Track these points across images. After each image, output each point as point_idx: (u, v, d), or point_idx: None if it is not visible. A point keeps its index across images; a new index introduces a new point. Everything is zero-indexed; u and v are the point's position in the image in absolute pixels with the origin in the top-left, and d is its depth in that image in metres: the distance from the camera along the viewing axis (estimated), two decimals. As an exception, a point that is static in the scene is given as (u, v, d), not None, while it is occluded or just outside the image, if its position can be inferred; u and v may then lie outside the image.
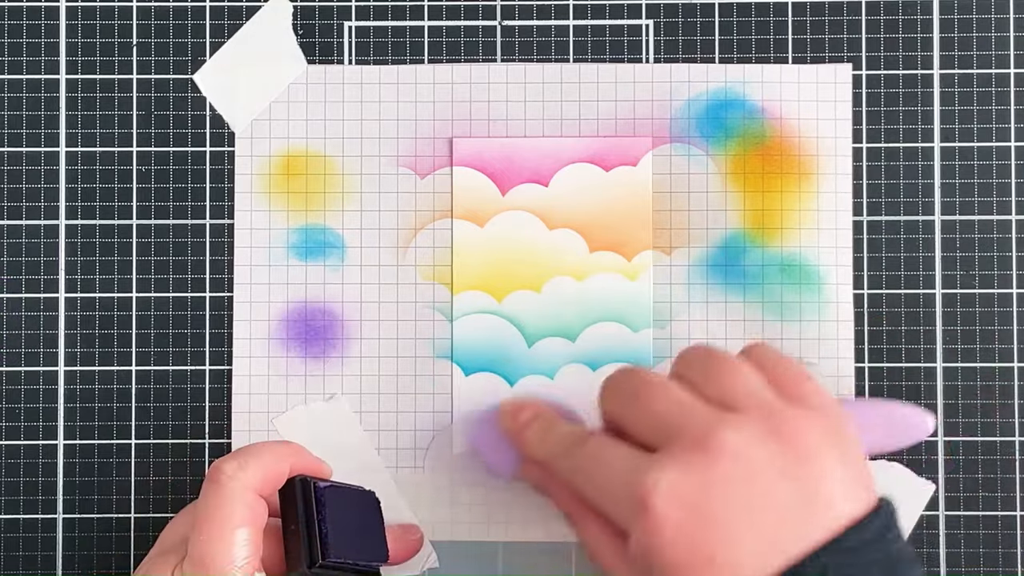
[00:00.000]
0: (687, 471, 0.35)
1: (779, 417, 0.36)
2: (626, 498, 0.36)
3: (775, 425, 0.36)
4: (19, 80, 0.49)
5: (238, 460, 0.40)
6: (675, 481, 0.35)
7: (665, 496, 0.35)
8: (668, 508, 0.35)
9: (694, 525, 0.34)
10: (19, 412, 0.48)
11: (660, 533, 0.35)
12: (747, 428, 0.35)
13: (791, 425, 0.36)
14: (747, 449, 0.35)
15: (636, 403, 0.38)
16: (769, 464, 0.35)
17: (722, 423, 0.36)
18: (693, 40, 0.48)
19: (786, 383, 0.38)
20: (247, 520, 0.39)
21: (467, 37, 0.49)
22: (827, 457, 0.35)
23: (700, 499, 0.35)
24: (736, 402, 0.37)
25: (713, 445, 0.35)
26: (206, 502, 0.39)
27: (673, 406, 0.37)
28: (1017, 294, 0.48)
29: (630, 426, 0.38)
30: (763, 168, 0.48)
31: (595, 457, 0.38)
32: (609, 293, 0.47)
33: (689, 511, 0.34)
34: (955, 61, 0.48)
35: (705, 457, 0.35)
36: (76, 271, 0.48)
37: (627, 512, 0.36)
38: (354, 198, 0.48)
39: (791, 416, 0.36)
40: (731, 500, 0.34)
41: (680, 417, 0.37)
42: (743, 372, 0.38)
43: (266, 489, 0.40)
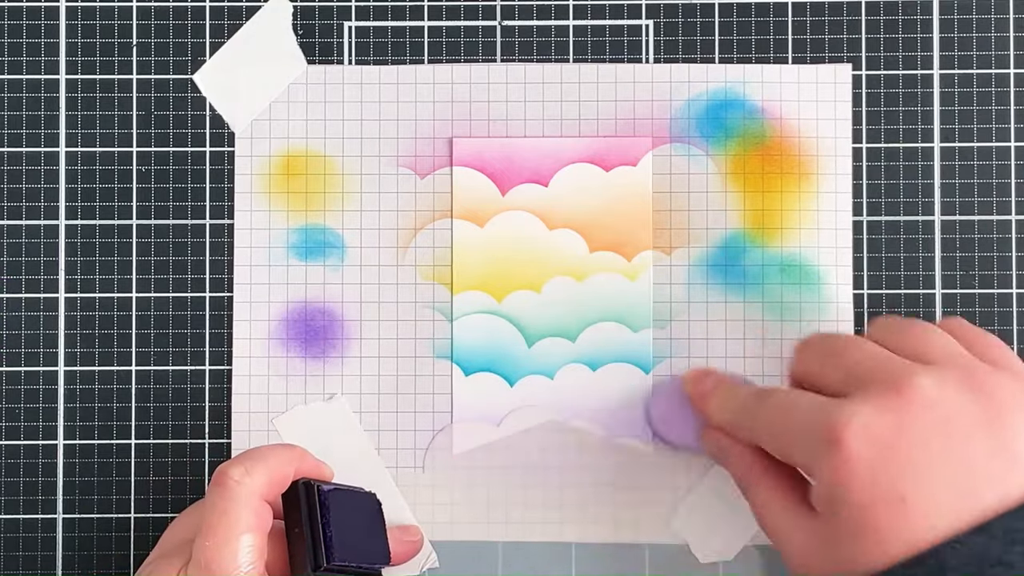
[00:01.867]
0: (881, 411, 0.35)
1: (975, 371, 0.36)
2: (816, 437, 0.36)
3: (971, 378, 0.36)
4: (19, 80, 0.49)
5: (244, 465, 0.40)
6: (868, 419, 0.35)
7: (858, 432, 0.35)
8: (861, 444, 0.34)
9: (886, 464, 0.34)
10: (19, 412, 0.48)
11: (851, 470, 0.34)
12: (943, 376, 0.35)
13: (987, 380, 0.36)
14: (942, 395, 0.35)
15: (831, 357, 0.38)
16: (964, 413, 0.35)
17: (917, 370, 0.36)
18: (693, 40, 0.48)
19: (982, 347, 0.38)
20: (253, 525, 0.39)
21: (467, 37, 0.49)
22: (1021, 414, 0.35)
23: (893, 439, 0.34)
24: (931, 357, 0.37)
25: (907, 388, 0.35)
26: (212, 507, 0.39)
27: (869, 355, 0.37)
28: (1017, 294, 0.48)
29: (822, 380, 0.38)
30: (763, 168, 0.48)
31: (783, 405, 0.38)
32: (609, 293, 0.47)
33: (882, 449, 0.34)
34: (955, 61, 0.48)
35: (899, 399, 0.35)
36: (76, 271, 0.48)
37: (816, 452, 0.36)
38: (354, 198, 0.48)
39: (987, 372, 0.36)
40: (925, 443, 0.34)
41: (875, 366, 0.37)
42: (939, 334, 0.38)
43: (271, 493, 0.40)
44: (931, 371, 0.36)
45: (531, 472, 0.47)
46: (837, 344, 0.39)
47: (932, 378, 0.35)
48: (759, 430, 0.40)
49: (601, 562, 0.47)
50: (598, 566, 0.47)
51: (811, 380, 0.39)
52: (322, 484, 0.42)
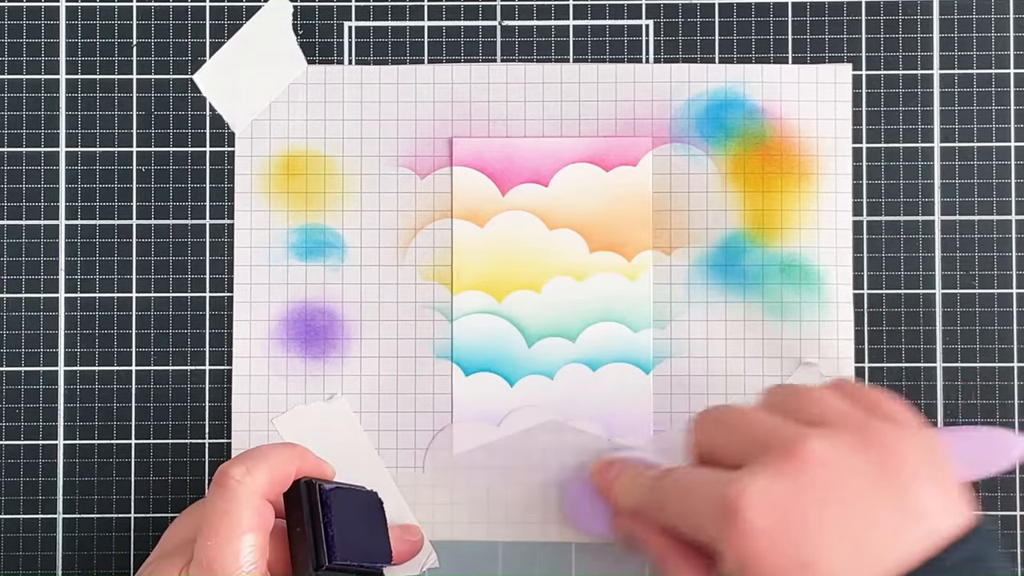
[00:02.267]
0: (776, 478, 0.35)
1: (868, 430, 0.36)
2: (715, 512, 0.35)
3: (863, 436, 0.35)
4: (19, 80, 0.49)
5: (245, 465, 0.40)
6: (764, 487, 0.35)
7: (754, 502, 0.34)
8: (758, 514, 0.34)
9: (786, 530, 0.34)
10: (19, 412, 0.48)
11: (752, 540, 0.34)
12: (836, 438, 0.35)
13: (881, 437, 0.35)
14: (836, 457, 0.35)
15: (728, 428, 0.38)
16: (859, 471, 0.35)
17: (810, 434, 0.35)
18: (693, 40, 0.48)
19: (875, 405, 0.38)
20: (255, 525, 0.39)
21: (467, 37, 0.49)
22: (919, 468, 0.35)
23: (790, 505, 0.34)
24: (824, 420, 0.37)
25: (801, 453, 0.35)
26: (214, 507, 0.39)
27: (762, 426, 0.37)
28: (1017, 294, 0.48)
29: (720, 451, 0.38)
30: (763, 168, 0.48)
31: (684, 483, 0.38)
32: (609, 293, 0.47)
33: (780, 517, 0.34)
34: (955, 61, 0.48)
35: (793, 464, 0.35)
36: (76, 271, 0.48)
37: (718, 526, 0.35)
38: (354, 198, 0.48)
39: (881, 429, 0.36)
40: (822, 506, 0.34)
41: (770, 433, 0.36)
42: (830, 396, 0.38)
43: (272, 493, 0.40)
44: (823, 433, 0.35)
45: (531, 472, 0.47)
46: (732, 416, 0.39)
47: (824, 440, 0.35)
48: (665, 512, 0.39)
49: (601, 562, 0.47)
50: (598, 566, 0.47)
51: (710, 454, 0.39)
52: (324, 483, 0.42)
